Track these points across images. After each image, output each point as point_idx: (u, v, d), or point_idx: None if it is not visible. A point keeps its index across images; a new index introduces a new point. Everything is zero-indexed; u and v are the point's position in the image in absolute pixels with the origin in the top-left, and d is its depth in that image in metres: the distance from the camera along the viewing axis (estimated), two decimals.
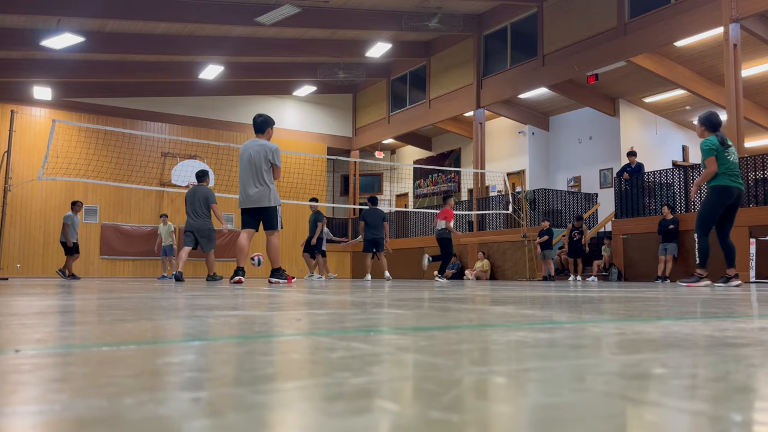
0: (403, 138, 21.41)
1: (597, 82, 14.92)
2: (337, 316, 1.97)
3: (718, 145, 6.35)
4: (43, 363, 0.93)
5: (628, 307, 2.43)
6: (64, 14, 13.65)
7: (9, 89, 17.05)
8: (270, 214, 6.89)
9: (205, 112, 19.95)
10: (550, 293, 4.18)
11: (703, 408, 0.63)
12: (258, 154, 6.74)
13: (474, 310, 2.22)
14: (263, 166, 6.73)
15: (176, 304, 2.58)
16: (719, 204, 6.45)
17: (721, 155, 6.36)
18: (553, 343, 1.19)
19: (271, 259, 6.99)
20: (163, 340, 1.26)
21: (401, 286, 6.71)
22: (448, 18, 16.16)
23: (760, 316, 2.02)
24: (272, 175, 6.81)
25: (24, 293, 3.87)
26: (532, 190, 15.86)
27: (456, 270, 16.23)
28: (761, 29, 11.77)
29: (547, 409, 0.62)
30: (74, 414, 0.59)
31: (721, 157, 6.36)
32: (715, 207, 6.47)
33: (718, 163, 6.35)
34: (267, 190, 6.78)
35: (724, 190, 6.39)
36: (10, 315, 1.93)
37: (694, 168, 12.39)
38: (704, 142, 6.45)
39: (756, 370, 0.90)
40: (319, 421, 0.57)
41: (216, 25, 15.05)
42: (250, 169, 6.76)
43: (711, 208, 6.50)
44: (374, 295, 3.63)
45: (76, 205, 13.02)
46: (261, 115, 7.02)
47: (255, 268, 7.45)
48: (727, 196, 6.41)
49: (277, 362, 0.96)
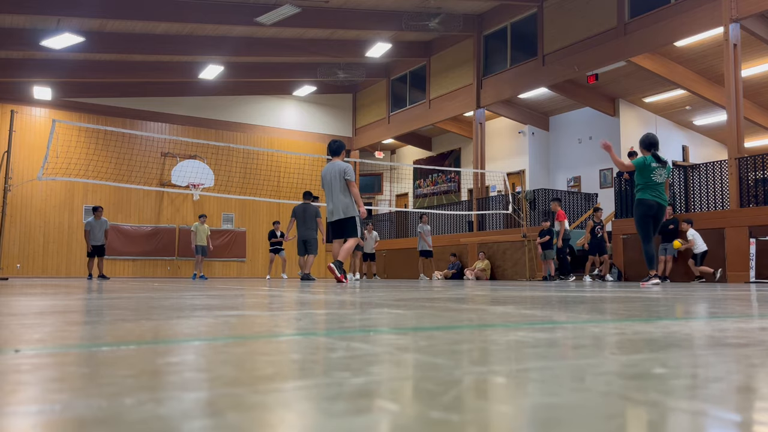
0: (403, 138, 21.41)
1: (597, 82, 14.92)
2: (337, 316, 1.97)
3: (649, 164, 7.25)
4: (43, 363, 0.93)
5: (627, 307, 2.43)
6: (64, 14, 13.64)
7: (9, 89, 17.05)
8: (348, 223, 7.84)
9: (205, 112, 19.95)
10: (550, 293, 4.18)
11: (703, 408, 0.63)
12: (333, 175, 7.82)
13: (474, 310, 2.22)
14: (338, 184, 7.78)
15: (176, 304, 2.58)
16: (643, 213, 7.30)
17: (646, 173, 7.25)
18: (553, 343, 1.19)
19: (341, 253, 7.87)
20: (163, 340, 1.26)
21: (400, 286, 6.71)
22: (448, 18, 16.16)
23: (761, 315, 2.02)
24: (348, 190, 7.83)
25: (24, 293, 3.87)
26: (532, 190, 15.86)
27: (456, 270, 16.24)
28: (761, 29, 11.77)
29: (547, 409, 0.62)
30: (74, 414, 0.59)
31: (646, 175, 7.25)
32: (642, 216, 7.32)
33: (642, 177, 7.28)
34: (342, 204, 7.77)
35: (642, 202, 7.31)
36: (10, 315, 1.93)
37: (694, 168, 12.39)
38: (638, 158, 7.40)
39: (756, 370, 0.90)
40: (319, 421, 0.57)
41: (216, 25, 15.05)
42: (330, 188, 7.86)
43: (639, 217, 7.38)
44: (374, 295, 3.63)
45: (96, 212, 13.36)
46: (336, 141, 8.12)
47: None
48: (647, 207, 7.26)
49: (277, 362, 0.96)
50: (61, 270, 17.39)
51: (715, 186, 11.68)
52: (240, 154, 19.38)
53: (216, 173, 18.98)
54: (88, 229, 13.20)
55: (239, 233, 19.84)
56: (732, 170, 11.11)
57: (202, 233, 14.81)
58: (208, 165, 18.93)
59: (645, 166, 7.25)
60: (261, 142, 20.50)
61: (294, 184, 18.61)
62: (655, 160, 7.28)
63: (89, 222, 13.29)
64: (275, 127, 21.04)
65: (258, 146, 19.96)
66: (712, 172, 11.78)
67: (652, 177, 7.27)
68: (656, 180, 7.27)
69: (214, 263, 19.13)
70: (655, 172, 7.25)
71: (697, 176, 12.12)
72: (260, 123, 20.80)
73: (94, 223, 13.24)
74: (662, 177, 7.29)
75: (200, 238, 14.78)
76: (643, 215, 7.29)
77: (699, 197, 12.04)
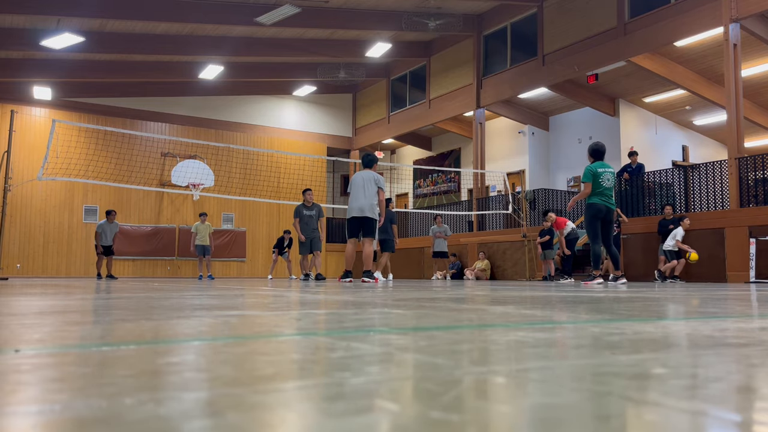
0: (403, 138, 21.40)
1: (597, 82, 14.92)
2: (337, 316, 1.97)
3: (596, 171, 7.89)
4: (43, 363, 0.93)
5: (627, 307, 2.43)
6: (64, 14, 13.64)
7: (9, 89, 17.05)
8: (370, 223, 8.50)
9: (205, 112, 19.95)
10: (550, 293, 4.18)
11: (703, 408, 0.63)
12: (369, 179, 8.58)
13: (474, 310, 2.22)
14: (371, 187, 8.53)
15: (177, 304, 2.58)
16: (592, 217, 7.96)
17: (596, 180, 7.86)
18: (553, 343, 1.19)
19: (364, 262, 8.61)
20: (163, 340, 1.26)
21: (401, 286, 6.71)
22: (448, 18, 16.16)
23: (761, 315, 2.02)
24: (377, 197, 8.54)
25: (24, 293, 3.87)
26: (532, 190, 15.86)
27: (456, 270, 16.23)
28: (761, 29, 11.77)
29: (547, 409, 0.62)
30: (74, 414, 0.59)
31: (596, 182, 7.87)
32: (592, 220, 7.97)
33: (593, 185, 7.90)
34: (370, 205, 8.47)
35: (592, 206, 7.95)
36: (10, 315, 1.93)
37: (694, 168, 12.40)
38: (586, 168, 8.03)
39: (756, 370, 0.90)
40: (319, 421, 0.57)
41: (216, 25, 15.04)
42: (362, 188, 8.53)
43: (589, 221, 8.02)
44: (374, 295, 3.63)
45: (110, 215, 13.55)
46: (369, 155, 8.90)
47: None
48: (597, 211, 7.91)
49: (277, 362, 0.96)
50: (61, 270, 17.39)
51: (715, 186, 11.68)
52: (240, 154, 19.37)
53: (216, 173, 18.98)
54: (99, 231, 13.39)
55: (239, 233, 19.84)
56: (732, 170, 11.11)
57: (203, 232, 14.60)
58: (208, 165, 18.92)
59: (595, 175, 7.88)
60: (261, 142, 20.50)
61: (294, 184, 18.60)
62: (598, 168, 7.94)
63: (101, 225, 13.50)
64: (275, 127, 21.04)
65: (258, 146, 19.96)
66: (712, 172, 11.78)
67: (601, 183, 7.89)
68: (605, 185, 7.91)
69: (214, 263, 19.13)
70: (603, 177, 7.89)
71: (697, 176, 12.12)
72: (260, 123, 20.80)
73: (106, 225, 13.45)
74: (610, 182, 7.94)
75: (202, 238, 14.57)
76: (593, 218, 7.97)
77: (699, 197, 12.04)
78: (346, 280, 8.58)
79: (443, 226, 15.25)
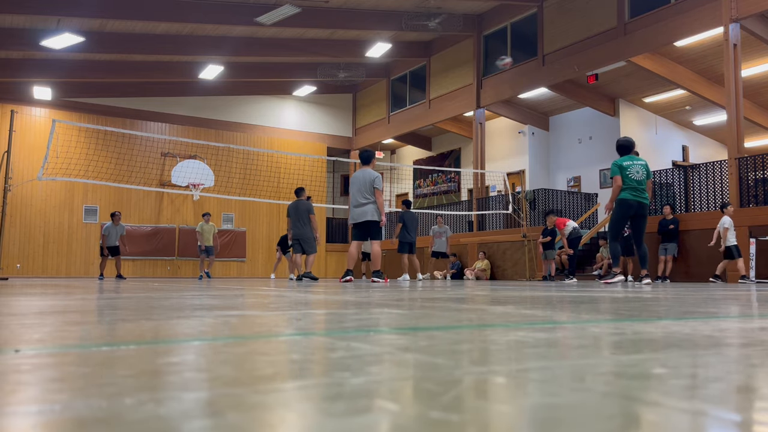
0: (403, 138, 21.40)
1: (597, 82, 14.92)
2: (337, 316, 1.97)
3: (622, 164, 7.58)
4: (43, 363, 0.93)
5: (627, 307, 2.43)
6: (64, 14, 13.64)
7: (9, 89, 17.05)
8: (375, 226, 8.44)
9: (205, 112, 19.95)
10: (550, 293, 4.18)
11: (703, 408, 0.63)
12: (364, 180, 8.39)
13: (474, 310, 2.22)
14: (368, 189, 8.35)
15: (177, 304, 2.58)
16: (621, 215, 7.63)
17: (624, 173, 7.56)
18: (553, 343, 1.19)
19: (373, 262, 8.63)
20: (163, 340, 1.26)
21: (401, 286, 6.71)
22: (448, 18, 16.16)
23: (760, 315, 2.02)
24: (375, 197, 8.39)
25: (24, 293, 3.87)
26: (532, 190, 15.86)
27: (456, 270, 16.23)
28: (761, 29, 11.77)
29: (547, 409, 0.62)
30: (74, 414, 0.59)
31: (624, 175, 7.56)
32: (619, 218, 7.66)
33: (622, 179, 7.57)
34: (369, 207, 8.35)
35: (622, 203, 7.58)
36: (10, 315, 1.93)
37: (694, 168, 12.40)
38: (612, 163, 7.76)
39: (756, 370, 0.90)
40: (319, 421, 0.57)
41: (216, 25, 15.05)
42: (359, 192, 8.40)
43: (616, 219, 7.70)
44: (374, 295, 3.63)
45: (114, 217, 13.69)
46: (366, 151, 8.74)
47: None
48: (627, 207, 7.54)
49: (277, 362, 0.96)
50: (61, 270, 17.39)
51: (715, 186, 11.68)
52: (240, 154, 19.37)
53: (216, 173, 18.98)
54: (105, 234, 13.56)
55: (239, 233, 19.84)
56: (732, 170, 11.11)
57: (208, 233, 14.47)
58: (208, 165, 18.93)
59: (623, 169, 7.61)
60: (261, 142, 20.50)
61: (294, 184, 18.59)
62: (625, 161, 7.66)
63: (107, 227, 13.63)
64: (275, 127, 21.04)
65: (258, 146, 19.96)
66: (712, 172, 11.78)
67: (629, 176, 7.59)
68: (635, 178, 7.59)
69: (214, 263, 19.13)
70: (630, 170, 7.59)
71: (697, 176, 12.12)
72: (260, 123, 20.80)
73: (111, 228, 13.60)
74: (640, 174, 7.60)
75: (207, 238, 14.39)
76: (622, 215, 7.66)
77: (699, 197, 12.04)
78: (346, 279, 8.61)
79: (444, 226, 15.24)
